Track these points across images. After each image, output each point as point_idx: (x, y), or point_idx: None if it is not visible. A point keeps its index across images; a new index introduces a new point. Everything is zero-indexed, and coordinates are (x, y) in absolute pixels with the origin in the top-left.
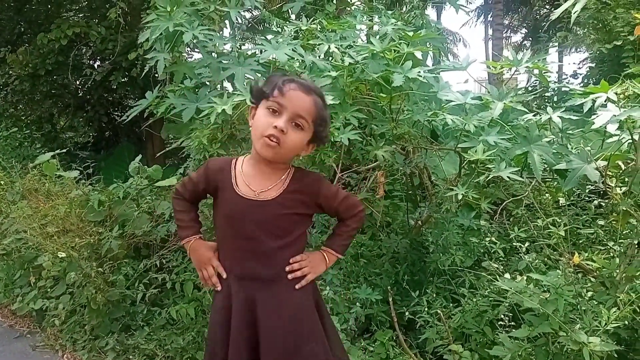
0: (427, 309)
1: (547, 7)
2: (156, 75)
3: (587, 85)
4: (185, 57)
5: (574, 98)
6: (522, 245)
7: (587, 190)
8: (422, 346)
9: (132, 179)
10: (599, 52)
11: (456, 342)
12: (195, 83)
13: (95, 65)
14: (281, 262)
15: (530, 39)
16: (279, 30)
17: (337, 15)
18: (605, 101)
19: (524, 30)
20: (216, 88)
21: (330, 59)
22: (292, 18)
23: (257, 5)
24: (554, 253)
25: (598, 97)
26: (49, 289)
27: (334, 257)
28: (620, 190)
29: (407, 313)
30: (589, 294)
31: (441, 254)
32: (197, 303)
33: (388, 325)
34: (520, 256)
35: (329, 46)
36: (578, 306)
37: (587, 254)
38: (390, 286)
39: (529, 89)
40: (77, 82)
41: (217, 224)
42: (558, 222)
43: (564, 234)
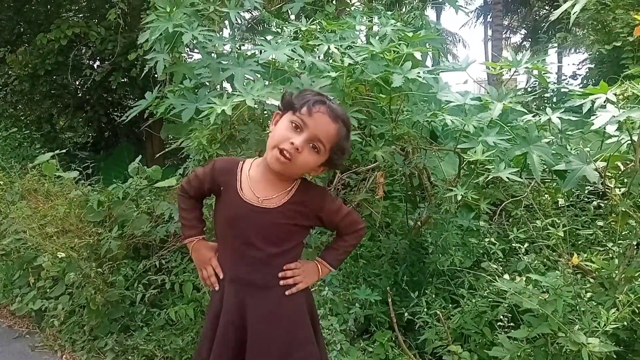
0: (426, 309)
1: (547, 8)
2: (156, 76)
3: (587, 86)
4: (185, 57)
5: (573, 99)
6: (521, 246)
7: (586, 191)
8: (421, 347)
9: (131, 180)
10: (598, 53)
11: (455, 342)
12: (195, 83)
13: (95, 66)
14: (275, 270)
15: (530, 39)
16: (279, 30)
17: (336, 15)
18: (604, 102)
19: (523, 31)
20: (216, 88)
21: (329, 59)
22: (292, 19)
23: (257, 6)
24: (553, 254)
25: (597, 98)
26: (48, 290)
27: (327, 270)
28: (620, 191)
29: (407, 314)
30: (588, 294)
31: (440, 255)
32: (196, 304)
33: (387, 326)
34: (519, 257)
35: (329, 47)
36: (577, 307)
37: (586, 254)
38: (390, 287)
39: (529, 90)
40: (77, 83)
41: (217, 224)
42: (557, 223)
43: (563, 234)
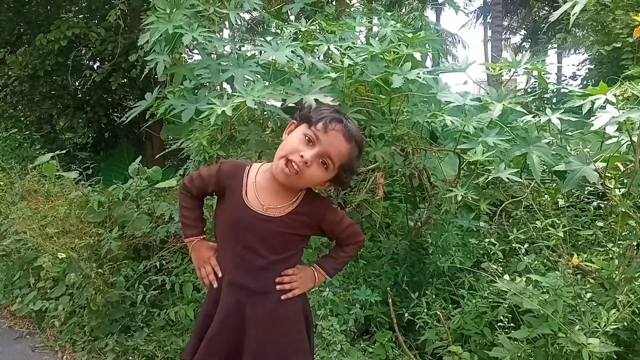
0: (426, 310)
1: (546, 8)
2: (156, 77)
3: (586, 87)
4: (185, 58)
5: (573, 100)
6: (522, 247)
7: (586, 192)
8: (422, 347)
9: (131, 180)
10: (598, 54)
11: (455, 343)
12: (195, 84)
13: (95, 67)
14: (272, 276)
15: (530, 40)
16: (278, 31)
17: (336, 16)
18: (604, 103)
19: (523, 32)
20: (216, 89)
21: (329, 60)
22: (292, 19)
23: (256, 7)
24: (553, 254)
25: (597, 99)
26: (49, 290)
27: (323, 278)
28: (619, 191)
29: (407, 314)
30: (588, 295)
31: (440, 255)
32: (197, 304)
33: (387, 326)
34: (519, 257)
35: (329, 47)
36: (577, 307)
37: (586, 255)
38: (390, 287)
39: (528, 91)
40: (77, 83)
41: (218, 226)
42: (557, 223)
43: (563, 235)
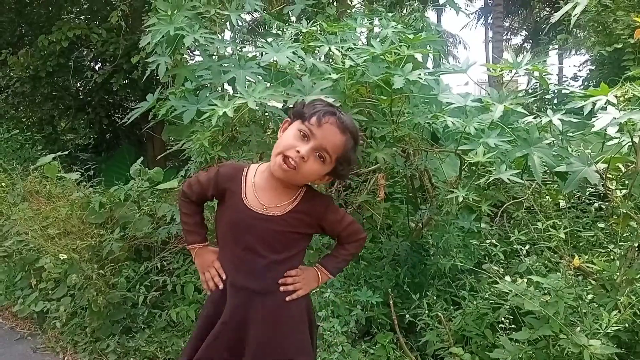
0: (427, 311)
1: (547, 9)
2: (157, 77)
3: (588, 88)
4: (187, 58)
5: (574, 100)
6: (523, 248)
7: (587, 193)
8: (423, 349)
9: (133, 181)
10: (599, 55)
11: (457, 344)
12: (196, 85)
13: (96, 68)
14: (275, 277)
15: (531, 41)
16: (280, 33)
17: (337, 17)
18: (605, 104)
19: (524, 33)
20: (217, 90)
21: (330, 61)
22: (293, 21)
23: (257, 8)
24: (555, 256)
25: (598, 100)
26: (50, 291)
27: (326, 277)
28: (621, 192)
29: (408, 315)
30: (590, 296)
31: (442, 257)
32: (198, 305)
33: (389, 327)
34: (520, 259)
35: (330, 48)
36: (578, 309)
37: (588, 256)
38: (391, 289)
39: (529, 92)
40: (78, 84)
41: (219, 229)
42: (558, 224)
43: (565, 236)
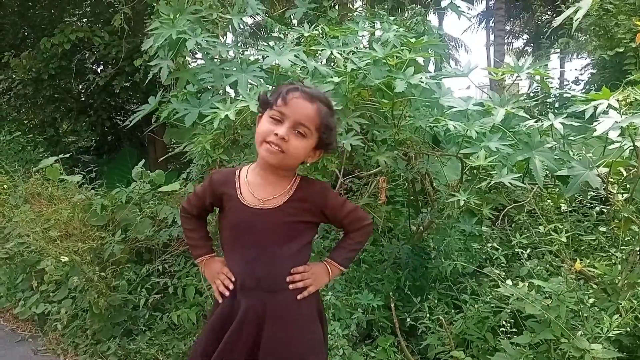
0: (428, 315)
1: (549, 13)
2: (159, 80)
3: (589, 92)
4: (189, 61)
5: (575, 104)
6: (524, 252)
7: (588, 197)
8: (424, 352)
9: (134, 184)
10: (600, 59)
11: (458, 348)
12: (198, 88)
13: (99, 70)
14: (285, 273)
15: (532, 45)
16: (282, 36)
17: (339, 21)
18: (606, 108)
19: (525, 36)
20: (219, 93)
21: (332, 64)
22: (295, 24)
23: (259, 12)
24: (556, 259)
25: (600, 104)
26: (51, 293)
27: (337, 270)
28: (622, 196)
29: (409, 319)
30: (591, 300)
31: (443, 260)
32: (199, 308)
33: (390, 331)
34: (522, 262)
35: (331, 52)
36: (580, 313)
37: (589, 260)
38: (392, 292)
39: (531, 95)
40: (80, 87)
41: (223, 234)
42: (560, 228)
43: (566, 240)
